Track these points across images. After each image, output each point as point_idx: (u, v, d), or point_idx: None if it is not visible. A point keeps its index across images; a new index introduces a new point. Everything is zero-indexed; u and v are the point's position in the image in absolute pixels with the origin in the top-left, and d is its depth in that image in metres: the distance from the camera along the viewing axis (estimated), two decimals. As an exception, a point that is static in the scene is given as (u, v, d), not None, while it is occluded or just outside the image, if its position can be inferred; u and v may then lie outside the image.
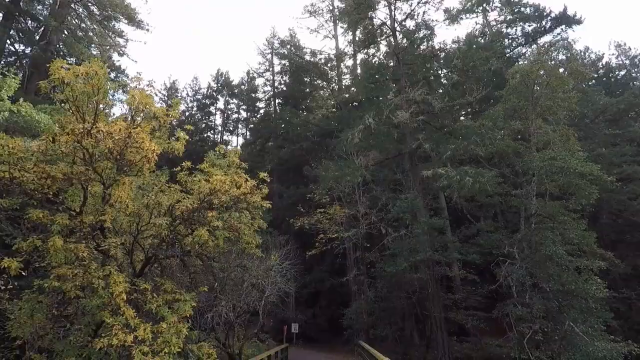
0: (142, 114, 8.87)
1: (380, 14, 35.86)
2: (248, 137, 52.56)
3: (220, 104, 54.59)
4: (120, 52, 26.51)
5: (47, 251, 7.74)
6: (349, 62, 37.01)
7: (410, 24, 23.86)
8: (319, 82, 39.82)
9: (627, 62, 38.27)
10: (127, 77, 27.51)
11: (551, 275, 15.32)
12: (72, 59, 22.71)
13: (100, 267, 7.90)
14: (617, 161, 25.86)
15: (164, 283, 9.15)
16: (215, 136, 53.09)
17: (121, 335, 6.77)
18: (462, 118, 30.28)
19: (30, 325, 7.89)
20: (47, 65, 8.12)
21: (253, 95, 51.20)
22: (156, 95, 48.59)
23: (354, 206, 23.19)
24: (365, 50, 27.47)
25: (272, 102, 45.91)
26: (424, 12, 25.56)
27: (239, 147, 39.53)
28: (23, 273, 8.81)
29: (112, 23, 25.67)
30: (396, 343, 21.69)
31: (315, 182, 25.69)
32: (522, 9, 29.22)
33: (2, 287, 8.89)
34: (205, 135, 51.57)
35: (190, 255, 10.79)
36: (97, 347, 6.87)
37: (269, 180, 10.65)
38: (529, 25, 29.27)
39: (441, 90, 24.89)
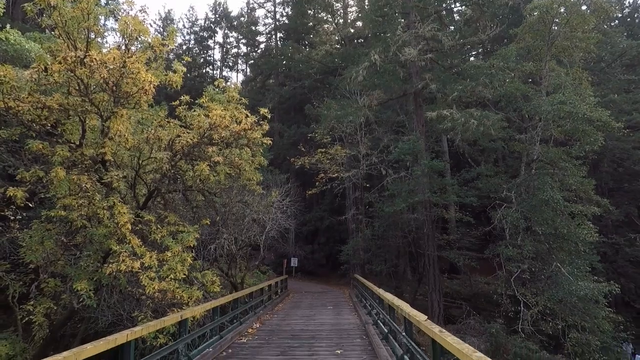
0: (136, 43, 8.44)
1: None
2: (248, 73, 50.82)
3: (219, 37, 52.01)
4: (110, -26, 24.57)
5: (51, 182, 7.85)
6: (357, -8, 34.45)
7: (425, -52, 21.75)
8: (323, 15, 37.37)
9: (656, 0, 35.59)
10: (118, 2, 25.82)
11: (545, 219, 15.70)
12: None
13: (104, 198, 8.05)
14: (628, 108, 25.23)
15: (168, 216, 9.41)
16: (214, 72, 51.31)
17: (128, 261, 7.10)
18: (472, 58, 28.96)
19: (42, 251, 8.24)
20: (32, -14, 7.55)
21: (253, 28, 48.50)
22: (150, 26, 46.10)
23: (355, 147, 23.09)
24: (375, -21, 25.39)
25: (274, 37, 43.66)
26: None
27: (239, 84, 38.43)
28: (30, 204, 9.06)
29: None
30: (390, 278, 22.92)
31: (317, 121, 25.31)
32: None
33: (12, 217, 9.13)
34: (203, 70, 49.79)
35: (192, 190, 10.97)
36: (107, 272, 7.24)
37: (269, 117, 10.46)
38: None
39: (453, 27, 23.49)
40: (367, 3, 29.10)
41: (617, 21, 32.76)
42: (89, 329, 9.70)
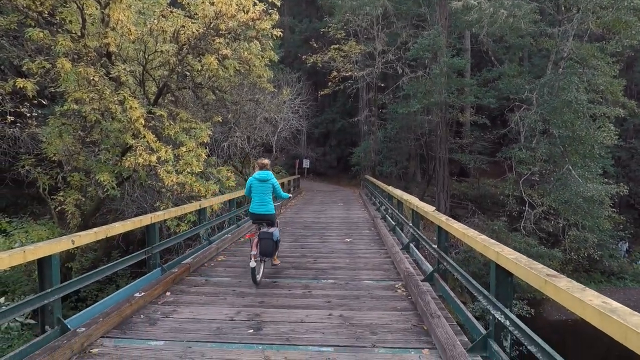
0: None
1: None
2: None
3: None
4: None
5: (58, 74, 7.68)
6: None
7: None
8: None
9: None
10: None
11: (565, 122, 15.23)
12: None
13: (114, 92, 7.95)
14: (682, -2, 22.29)
15: (179, 112, 9.38)
16: (217, -44, 45.80)
17: (145, 155, 7.31)
18: None
19: (62, 145, 8.50)
20: None
21: None
22: None
23: (371, 43, 21.54)
24: None
25: None
26: None
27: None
28: (43, 102, 9.06)
29: None
30: (399, 179, 23.51)
31: (330, 14, 23.29)
32: None
33: (28, 114, 9.23)
34: (205, -46, 44.47)
35: (202, 87, 10.72)
36: (126, 165, 7.53)
37: (279, 6, 9.60)
38: None
39: None
40: None
41: None
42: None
